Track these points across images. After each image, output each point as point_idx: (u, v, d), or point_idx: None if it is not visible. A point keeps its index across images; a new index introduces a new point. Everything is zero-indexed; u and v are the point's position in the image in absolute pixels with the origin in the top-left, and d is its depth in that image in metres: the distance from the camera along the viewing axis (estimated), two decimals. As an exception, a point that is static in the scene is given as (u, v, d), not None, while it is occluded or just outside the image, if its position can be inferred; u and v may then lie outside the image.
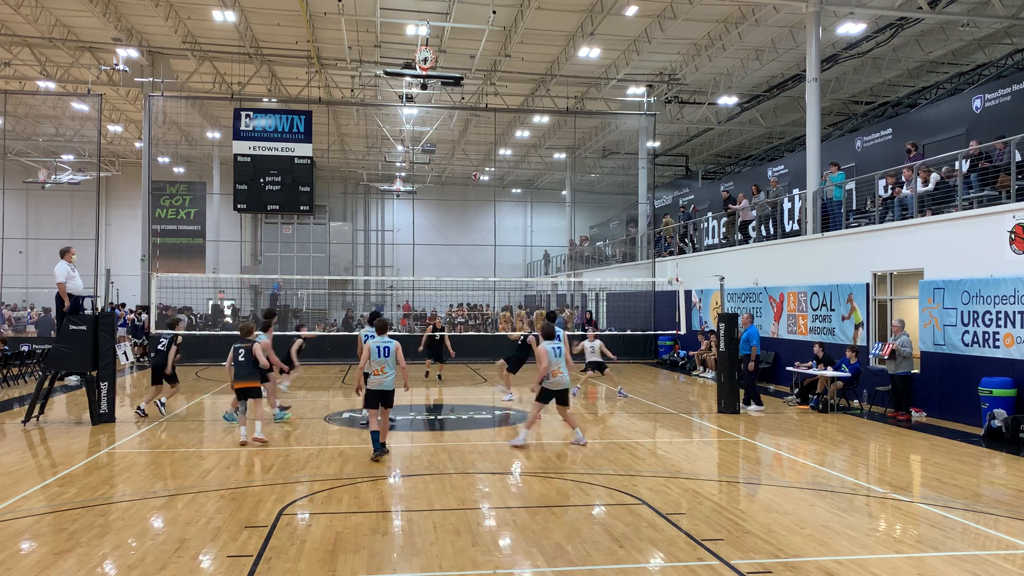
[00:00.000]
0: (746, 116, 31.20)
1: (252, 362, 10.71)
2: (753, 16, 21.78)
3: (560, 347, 10.76)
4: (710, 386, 18.24)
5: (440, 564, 6.08)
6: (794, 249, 18.88)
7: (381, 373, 9.71)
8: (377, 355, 9.72)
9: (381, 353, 9.73)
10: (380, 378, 9.71)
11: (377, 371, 9.70)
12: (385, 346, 9.76)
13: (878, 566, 6.04)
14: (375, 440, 9.82)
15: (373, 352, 9.72)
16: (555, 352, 10.63)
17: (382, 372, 9.71)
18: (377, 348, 9.74)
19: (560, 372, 10.63)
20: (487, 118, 32.12)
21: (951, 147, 16.50)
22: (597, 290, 32.31)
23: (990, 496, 8.35)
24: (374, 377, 9.71)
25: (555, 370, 10.60)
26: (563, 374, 10.67)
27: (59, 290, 13.37)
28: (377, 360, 9.71)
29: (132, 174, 37.88)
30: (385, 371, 9.73)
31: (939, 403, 13.50)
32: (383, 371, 9.72)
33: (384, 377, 9.73)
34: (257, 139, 25.65)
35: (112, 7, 22.82)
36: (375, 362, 9.72)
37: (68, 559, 6.17)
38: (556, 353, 10.64)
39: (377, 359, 9.71)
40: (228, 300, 34.68)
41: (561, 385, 10.68)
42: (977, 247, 12.92)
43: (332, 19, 22.73)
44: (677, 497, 8.14)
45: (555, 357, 10.63)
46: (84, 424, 12.76)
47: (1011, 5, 20.20)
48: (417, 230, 38.03)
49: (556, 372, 10.59)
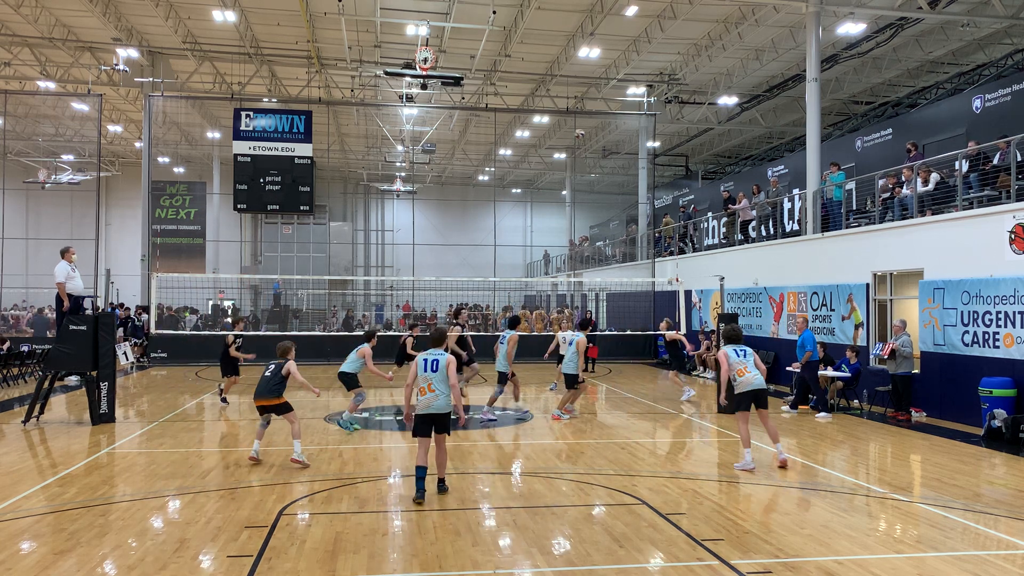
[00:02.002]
0: (746, 116, 31.20)
1: (279, 380, 9.65)
2: (753, 16, 21.79)
3: (748, 350, 9.81)
4: (710, 386, 18.24)
5: (440, 564, 6.08)
6: (794, 249, 18.88)
7: (429, 392, 7.95)
8: (423, 369, 8.03)
9: (428, 367, 8.03)
10: (428, 398, 7.96)
11: (424, 389, 7.97)
12: (434, 359, 8.06)
13: (878, 566, 6.04)
14: (419, 477, 7.99)
15: (419, 366, 8.07)
16: (737, 354, 9.71)
17: (430, 391, 7.96)
18: (424, 361, 8.08)
19: (747, 371, 9.59)
20: (487, 118, 32.13)
21: (951, 147, 16.50)
22: (597, 290, 32.31)
23: (990, 496, 8.34)
24: (421, 397, 7.99)
25: (740, 369, 9.62)
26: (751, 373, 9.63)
27: (59, 290, 13.38)
28: (423, 375, 8.00)
29: (132, 174, 37.89)
30: (434, 389, 7.96)
31: (939, 403, 13.50)
32: (431, 389, 7.96)
33: (433, 397, 7.96)
34: (257, 139, 25.65)
35: (112, 7, 22.82)
36: (421, 378, 8.01)
37: (68, 559, 6.17)
38: (739, 355, 9.71)
39: (423, 374, 8.01)
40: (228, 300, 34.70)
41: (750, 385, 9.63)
42: (977, 247, 12.91)
43: (332, 19, 22.74)
44: (677, 497, 8.14)
45: (737, 358, 9.69)
46: (84, 424, 12.76)
47: (1011, 5, 20.20)
48: (417, 230, 38.04)
49: (742, 371, 9.60)
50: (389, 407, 15.11)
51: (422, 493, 7.89)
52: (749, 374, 9.51)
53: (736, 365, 9.59)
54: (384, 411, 14.48)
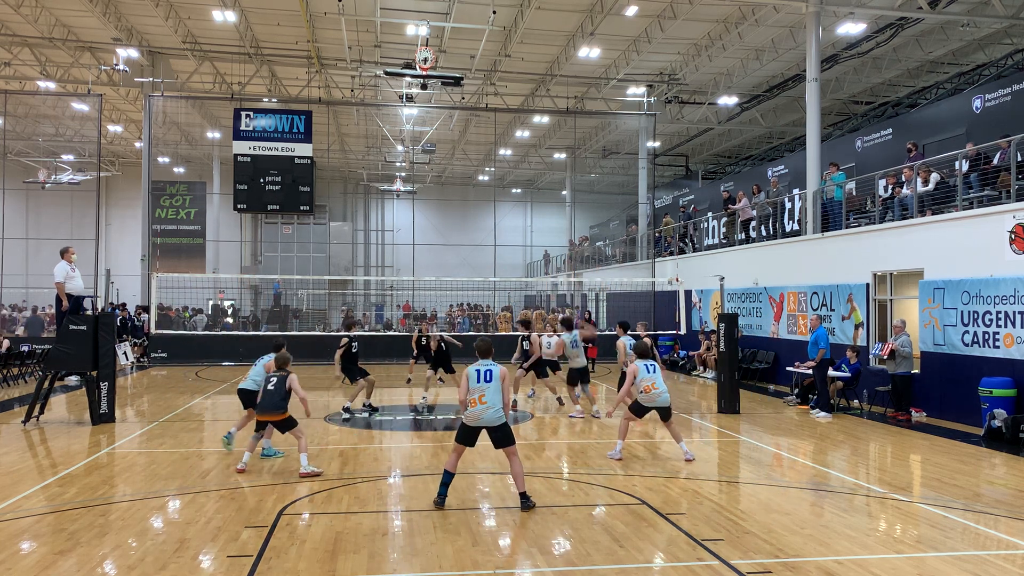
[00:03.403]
0: (746, 116, 31.20)
1: (284, 394, 9.33)
2: (753, 16, 21.79)
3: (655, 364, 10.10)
4: (710, 386, 18.24)
5: (440, 564, 6.08)
6: (794, 249, 18.88)
7: (480, 403, 7.77)
8: (476, 380, 7.85)
9: (482, 378, 7.87)
10: (479, 410, 7.76)
11: (475, 400, 7.79)
12: (487, 370, 7.88)
13: (878, 566, 6.04)
14: (444, 483, 7.88)
15: (471, 377, 7.87)
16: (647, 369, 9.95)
17: (481, 402, 7.76)
18: (477, 372, 7.89)
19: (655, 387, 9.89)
20: (487, 118, 32.13)
21: (951, 147, 16.50)
22: (597, 290, 32.31)
23: (990, 496, 8.34)
24: (471, 409, 7.79)
25: (648, 386, 9.90)
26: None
27: (58, 290, 13.38)
28: (477, 386, 7.81)
29: (132, 174, 37.89)
30: (485, 400, 7.76)
31: (939, 403, 13.50)
32: (482, 400, 7.76)
33: (484, 409, 7.76)
34: (257, 139, 25.65)
35: (112, 7, 22.82)
36: (475, 388, 7.83)
37: (68, 559, 6.17)
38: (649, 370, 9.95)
39: (477, 385, 7.82)
40: (228, 300, 34.73)
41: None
42: (977, 247, 12.91)
43: (332, 19, 22.74)
44: (677, 497, 8.14)
45: (648, 375, 9.94)
46: (84, 424, 12.76)
47: (1011, 5, 20.20)
48: (417, 230, 38.05)
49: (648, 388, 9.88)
50: (393, 407, 15.11)
51: (444, 497, 7.80)
52: (656, 391, 9.87)
53: (645, 381, 9.89)
54: (385, 411, 14.47)
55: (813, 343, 14.36)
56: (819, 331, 14.36)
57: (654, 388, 9.85)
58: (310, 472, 9.12)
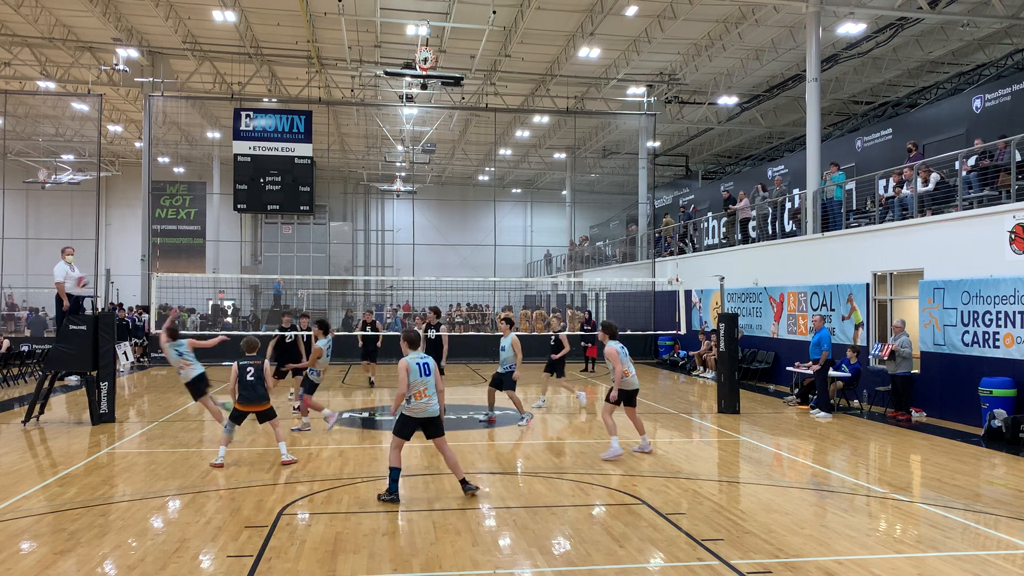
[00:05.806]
0: (746, 116, 31.20)
1: (263, 384, 9.53)
2: (753, 16, 21.79)
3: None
4: (710, 386, 18.24)
5: (440, 564, 6.08)
6: (794, 249, 18.88)
7: (424, 396, 7.93)
8: (419, 374, 7.96)
9: (422, 371, 7.99)
10: (423, 403, 7.93)
11: (419, 394, 7.92)
12: (425, 363, 8.04)
13: (878, 566, 6.04)
14: (394, 479, 7.97)
15: (413, 371, 7.93)
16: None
17: (425, 395, 7.94)
18: (417, 365, 7.97)
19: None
20: (487, 118, 32.13)
21: (951, 147, 16.50)
22: (597, 290, 32.31)
23: (990, 496, 8.34)
24: (416, 402, 7.92)
25: (626, 370, 10.16)
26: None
27: (58, 290, 13.38)
28: (419, 380, 7.94)
29: (132, 174, 37.89)
30: (428, 394, 7.96)
31: (939, 403, 13.50)
32: (426, 394, 7.95)
33: (429, 401, 7.96)
34: (257, 139, 25.65)
35: (112, 7, 22.82)
36: (417, 383, 7.93)
37: (68, 559, 6.17)
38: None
39: (419, 378, 7.95)
40: (228, 300, 34.71)
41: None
42: (977, 247, 12.91)
43: (332, 19, 22.74)
44: (677, 497, 8.14)
45: (627, 358, 10.18)
46: (84, 424, 12.76)
47: (1011, 5, 20.20)
48: (417, 230, 38.05)
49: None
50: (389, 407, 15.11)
51: (395, 493, 7.90)
52: (632, 375, 10.17)
53: (626, 364, 10.09)
54: (384, 411, 14.47)
55: (816, 344, 14.34)
56: (822, 332, 14.34)
57: (630, 372, 10.19)
58: (290, 460, 9.63)
